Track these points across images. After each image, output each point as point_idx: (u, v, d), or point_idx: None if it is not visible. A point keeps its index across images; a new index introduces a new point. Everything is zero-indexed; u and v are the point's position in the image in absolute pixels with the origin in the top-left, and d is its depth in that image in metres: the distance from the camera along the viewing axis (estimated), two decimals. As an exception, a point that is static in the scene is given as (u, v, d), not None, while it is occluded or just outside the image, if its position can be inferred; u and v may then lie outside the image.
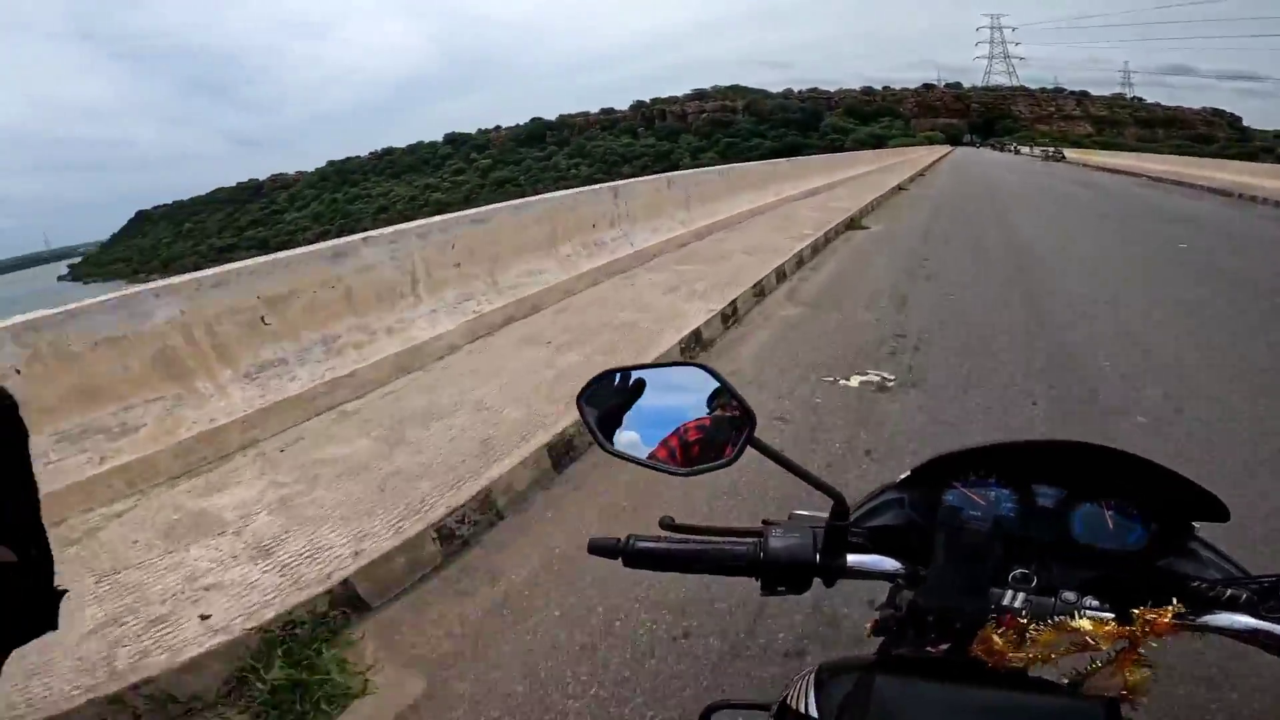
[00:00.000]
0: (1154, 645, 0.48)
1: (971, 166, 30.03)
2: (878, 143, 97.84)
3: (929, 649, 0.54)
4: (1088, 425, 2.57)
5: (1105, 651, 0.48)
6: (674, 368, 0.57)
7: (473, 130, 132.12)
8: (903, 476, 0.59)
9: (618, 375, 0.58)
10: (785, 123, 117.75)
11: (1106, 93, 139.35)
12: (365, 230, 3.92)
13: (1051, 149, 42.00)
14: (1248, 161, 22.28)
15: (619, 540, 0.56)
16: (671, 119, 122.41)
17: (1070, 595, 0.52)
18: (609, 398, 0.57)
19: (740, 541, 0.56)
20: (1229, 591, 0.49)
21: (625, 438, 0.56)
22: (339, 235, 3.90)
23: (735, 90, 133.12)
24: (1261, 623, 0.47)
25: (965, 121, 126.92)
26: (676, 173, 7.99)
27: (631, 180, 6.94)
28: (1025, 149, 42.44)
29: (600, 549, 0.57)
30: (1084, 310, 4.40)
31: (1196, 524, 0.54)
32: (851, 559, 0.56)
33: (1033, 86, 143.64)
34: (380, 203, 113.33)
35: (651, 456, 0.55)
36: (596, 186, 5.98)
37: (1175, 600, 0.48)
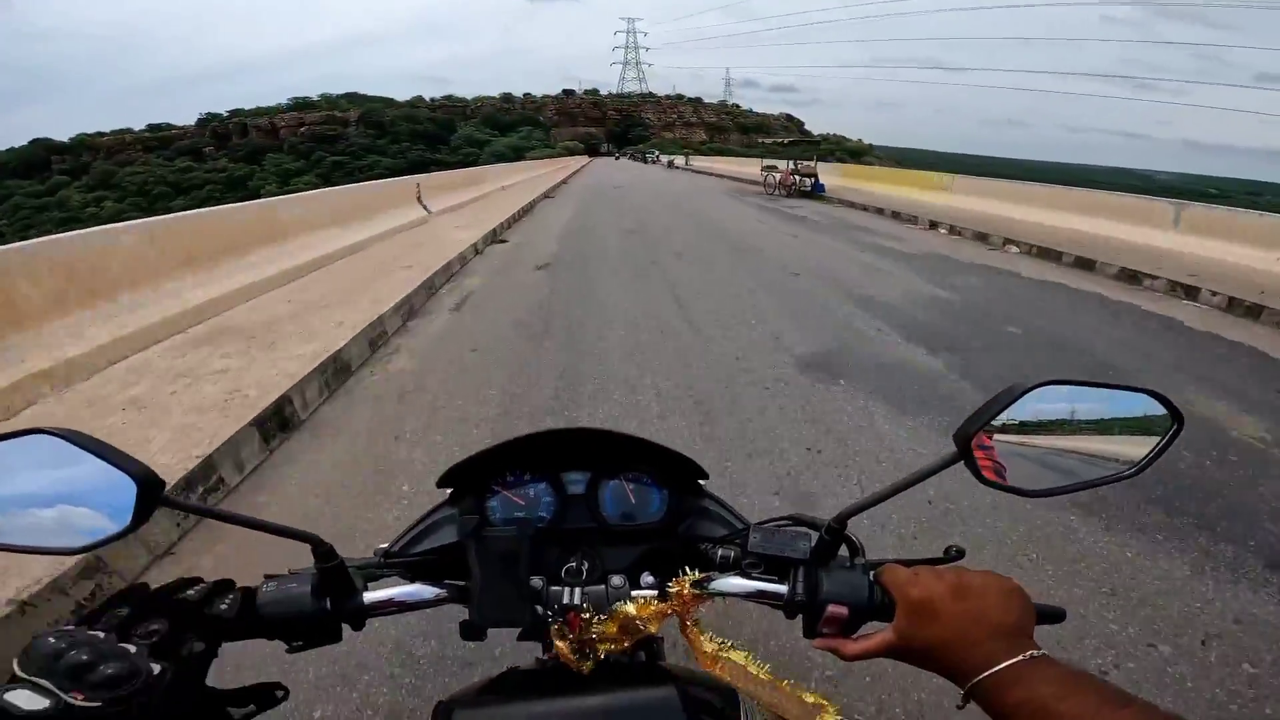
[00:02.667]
0: (703, 612, 0.54)
1: (613, 186, 21.58)
2: (517, 155, 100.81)
3: (544, 659, 0.58)
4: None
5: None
6: (14, 440, 0.45)
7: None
8: (450, 492, 0.62)
9: None
10: (412, 135, 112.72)
11: (714, 100, 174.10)
12: None
13: (681, 158, 46.45)
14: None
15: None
16: (258, 135, 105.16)
17: (618, 580, 0.57)
18: None
19: (221, 600, 0.49)
20: (720, 551, 0.57)
21: None
22: None
23: (351, 98, 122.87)
24: (751, 582, 0.55)
25: (603, 130, 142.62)
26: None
27: None
28: (666, 159, 47.60)
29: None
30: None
31: (703, 482, 0.63)
32: (382, 593, 0.55)
33: (659, 93, 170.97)
34: None
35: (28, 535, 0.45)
36: None
37: (688, 568, 0.54)
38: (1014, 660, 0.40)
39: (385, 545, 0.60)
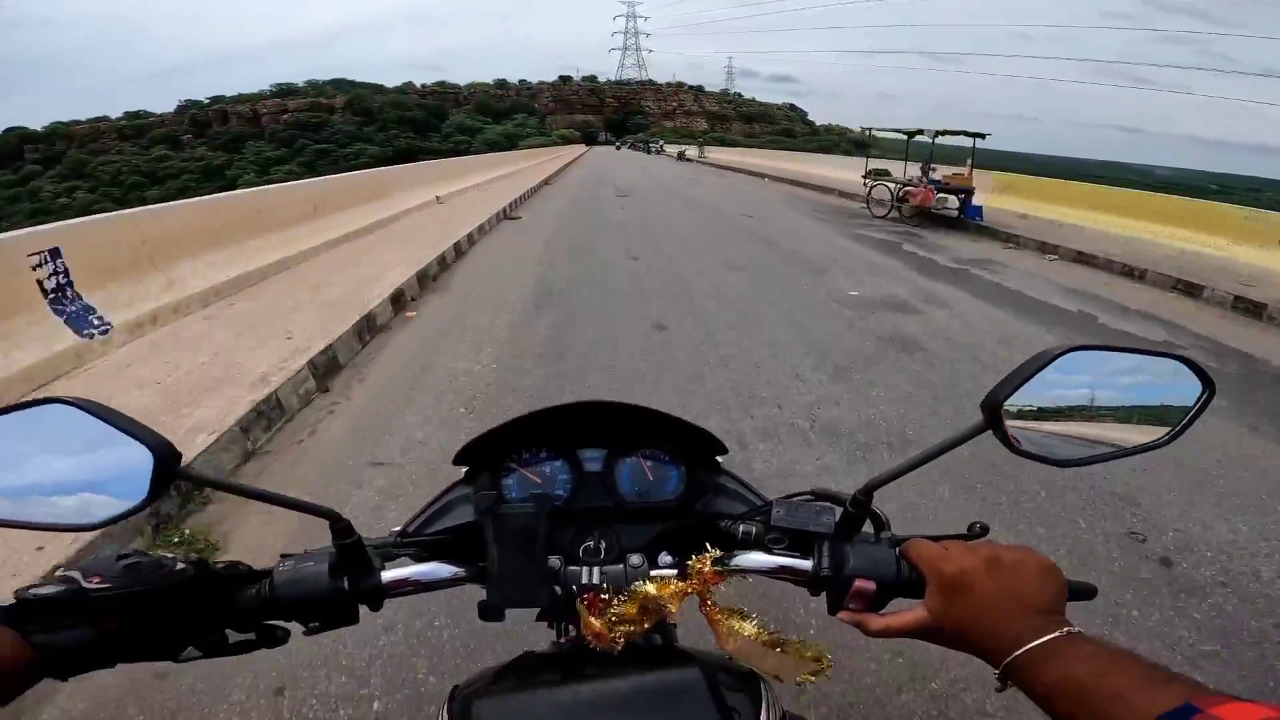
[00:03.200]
0: (722, 591, 0.54)
1: (616, 192, 15.79)
2: (510, 143, 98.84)
3: (560, 642, 0.64)
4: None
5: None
6: (29, 410, 0.45)
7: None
8: (465, 471, 0.63)
9: None
10: (400, 122, 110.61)
11: (716, 87, 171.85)
12: None
13: (693, 149, 40.55)
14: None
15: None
16: (239, 122, 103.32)
17: (636, 559, 0.58)
18: None
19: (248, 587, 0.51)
20: (742, 528, 0.57)
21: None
22: None
23: (338, 85, 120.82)
24: (775, 558, 0.56)
25: (601, 118, 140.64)
26: None
27: None
28: (676, 149, 41.33)
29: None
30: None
31: (720, 458, 0.65)
32: (399, 573, 0.55)
33: (659, 81, 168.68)
34: None
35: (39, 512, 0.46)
36: None
37: (709, 545, 0.55)
38: (1050, 637, 0.41)
39: (399, 527, 0.60)
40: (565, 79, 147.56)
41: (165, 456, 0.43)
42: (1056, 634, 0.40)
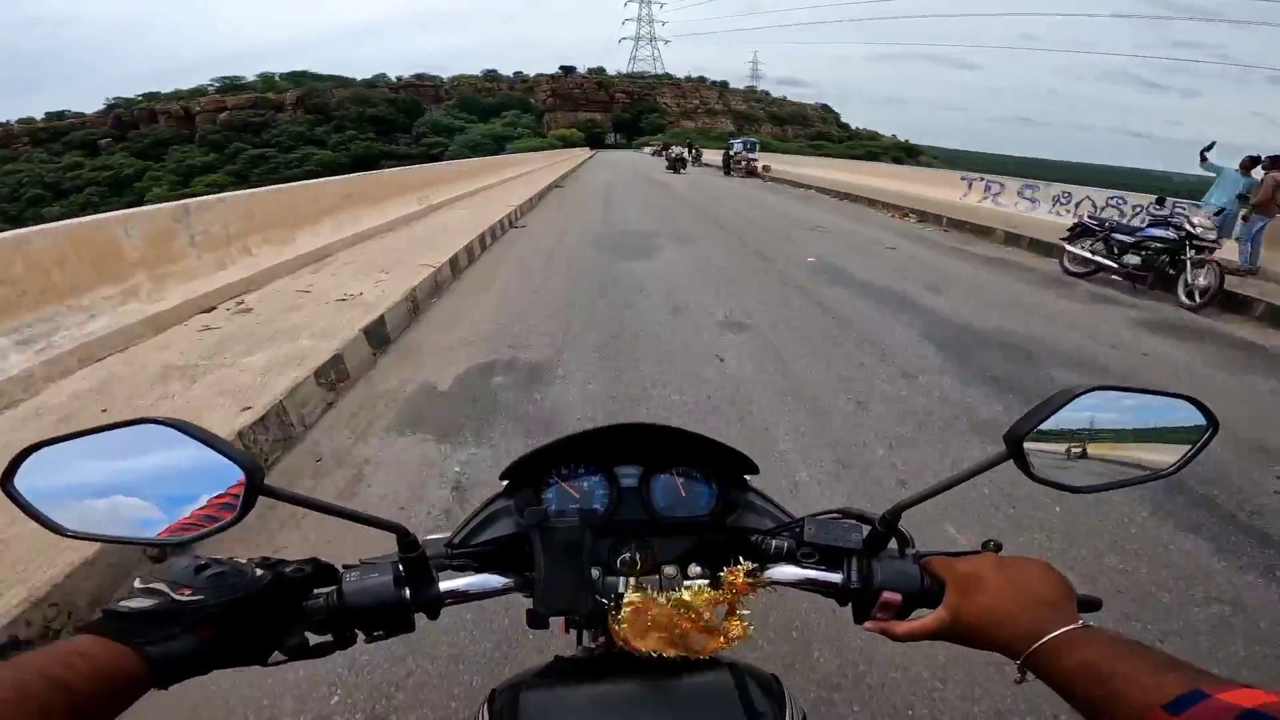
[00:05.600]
0: (750, 599, 0.64)
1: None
2: (498, 146, 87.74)
3: (591, 647, 0.75)
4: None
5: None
6: (124, 429, 0.53)
7: None
8: (505, 484, 0.75)
9: (52, 447, 0.54)
10: (362, 121, 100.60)
11: (740, 85, 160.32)
12: None
13: (758, 157, 27.70)
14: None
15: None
16: (168, 122, 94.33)
17: (670, 570, 0.68)
18: (52, 474, 0.55)
19: (318, 592, 0.62)
20: (774, 542, 0.69)
21: (87, 511, 0.53)
22: None
23: (295, 78, 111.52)
24: (805, 571, 0.68)
25: (609, 116, 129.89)
26: None
27: None
28: (746, 157, 25.61)
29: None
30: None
31: (749, 477, 0.77)
32: (455, 583, 0.66)
33: (677, 75, 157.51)
34: None
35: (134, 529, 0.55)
36: None
37: (741, 558, 0.65)
38: (1069, 628, 0.49)
39: (446, 535, 0.71)
40: (568, 69, 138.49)
41: (254, 473, 0.51)
42: (1073, 626, 0.49)
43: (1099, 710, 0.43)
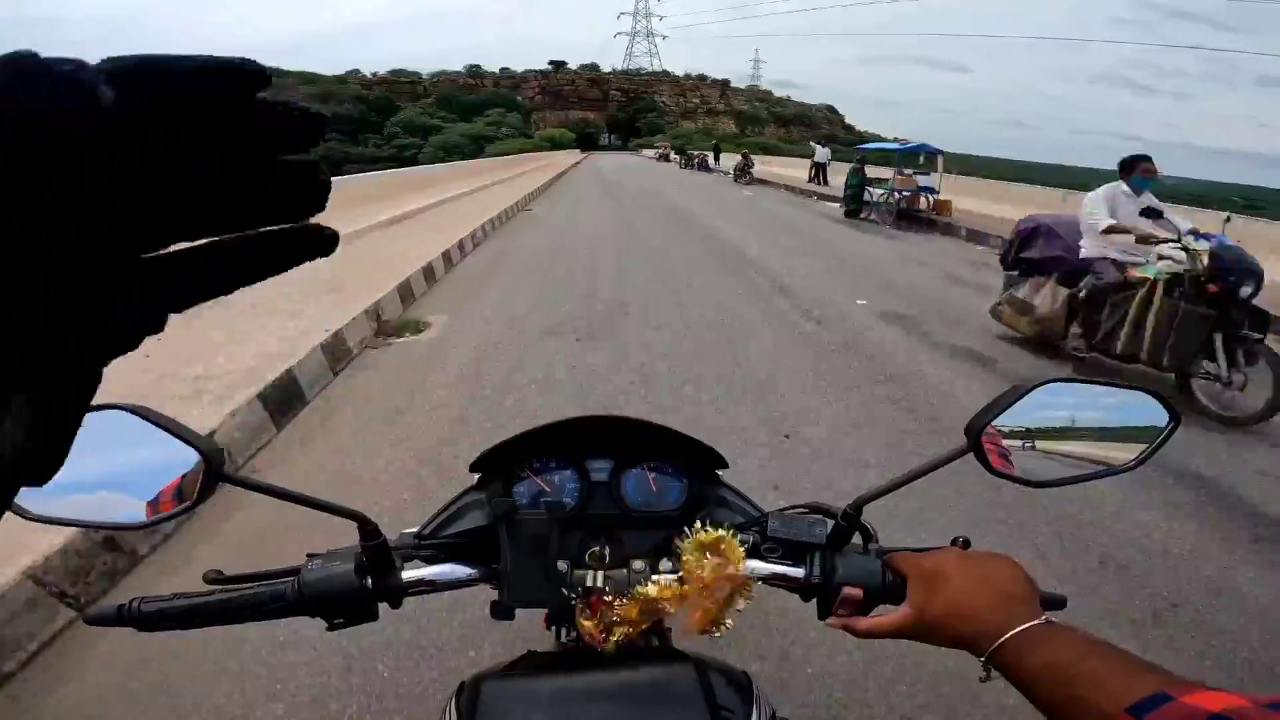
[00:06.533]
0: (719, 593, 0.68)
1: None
2: (476, 148, 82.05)
3: (565, 642, 0.77)
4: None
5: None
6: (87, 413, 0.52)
7: None
8: (478, 477, 0.78)
9: None
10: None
11: (742, 84, 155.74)
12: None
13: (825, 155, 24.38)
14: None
15: (122, 606, 0.61)
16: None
17: (639, 564, 0.70)
18: None
19: (278, 581, 0.64)
20: (740, 537, 0.68)
21: (50, 495, 0.54)
22: None
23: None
24: (769, 565, 0.69)
25: (604, 115, 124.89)
26: None
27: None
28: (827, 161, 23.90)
29: (100, 619, 0.62)
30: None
31: (720, 472, 0.79)
32: (419, 573, 0.68)
33: (675, 73, 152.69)
34: None
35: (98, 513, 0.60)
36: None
37: (708, 554, 0.67)
38: (1033, 624, 0.49)
39: (414, 529, 0.72)
40: (558, 65, 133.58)
41: (213, 459, 0.53)
42: (1037, 621, 0.49)
43: (1062, 712, 0.43)
